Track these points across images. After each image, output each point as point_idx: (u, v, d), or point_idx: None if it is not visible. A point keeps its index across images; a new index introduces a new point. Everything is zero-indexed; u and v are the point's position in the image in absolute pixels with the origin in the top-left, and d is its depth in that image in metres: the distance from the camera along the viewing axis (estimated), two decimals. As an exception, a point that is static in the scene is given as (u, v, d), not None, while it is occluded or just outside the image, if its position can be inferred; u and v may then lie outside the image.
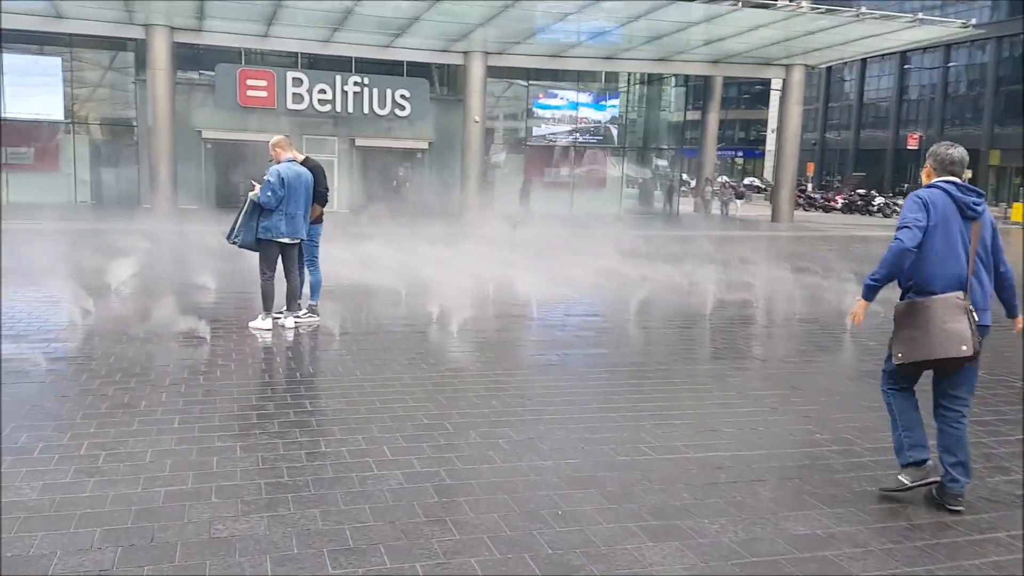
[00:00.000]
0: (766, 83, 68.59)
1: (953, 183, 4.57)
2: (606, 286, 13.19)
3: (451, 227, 24.83)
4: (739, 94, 76.87)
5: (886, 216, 44.05)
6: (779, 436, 6.04)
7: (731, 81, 54.81)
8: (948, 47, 56.00)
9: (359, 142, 31.50)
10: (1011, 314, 4.87)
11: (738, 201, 38.87)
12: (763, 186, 66.53)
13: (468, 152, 30.55)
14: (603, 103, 35.73)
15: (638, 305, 11.10)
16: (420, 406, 6.42)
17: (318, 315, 9.45)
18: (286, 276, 8.98)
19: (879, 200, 46.25)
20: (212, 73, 29.62)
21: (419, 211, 31.78)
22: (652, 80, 37.68)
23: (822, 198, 49.02)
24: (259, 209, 8.59)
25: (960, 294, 4.49)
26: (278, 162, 8.70)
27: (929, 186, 4.64)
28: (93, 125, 31.56)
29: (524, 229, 22.36)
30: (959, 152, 4.66)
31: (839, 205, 47.20)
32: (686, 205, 39.55)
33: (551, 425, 6.04)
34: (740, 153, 79.98)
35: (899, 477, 4.77)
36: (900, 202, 46.05)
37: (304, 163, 8.91)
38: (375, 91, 30.07)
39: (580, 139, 35.26)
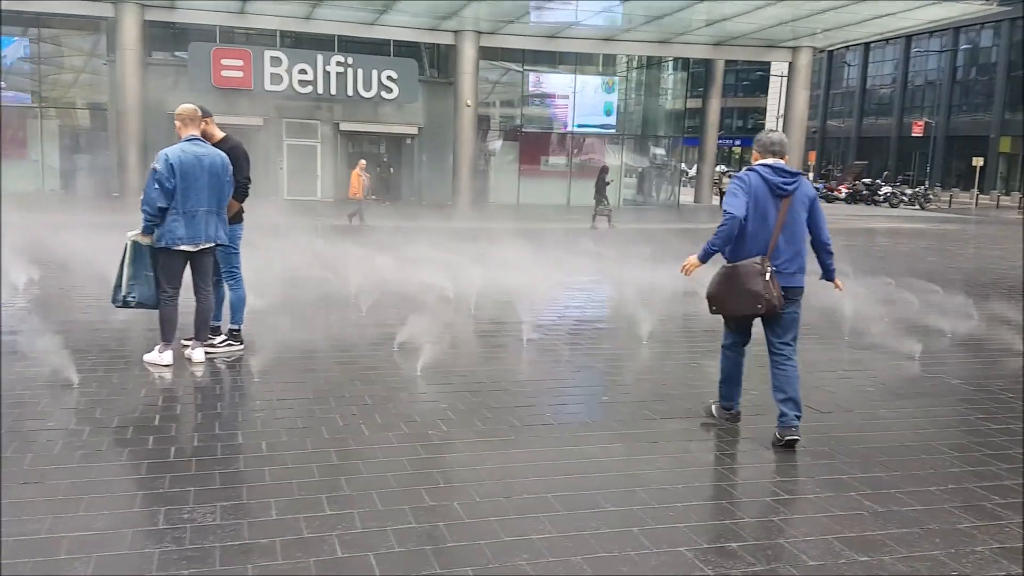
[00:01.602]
0: (765, 69, 67.09)
1: (768, 166, 5.24)
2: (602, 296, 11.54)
3: (443, 219, 23.24)
4: (737, 81, 75.22)
5: (893, 206, 42.49)
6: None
7: (729, 68, 53.07)
8: (956, 30, 54.39)
9: (344, 127, 29.77)
10: (827, 277, 5.69)
11: None
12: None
13: (460, 138, 28.82)
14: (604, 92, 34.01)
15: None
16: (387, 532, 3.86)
17: (241, 342, 7.15)
18: (196, 294, 6.73)
19: (885, 189, 44.68)
20: (185, 54, 27.88)
21: (408, 201, 30.25)
22: (651, 64, 35.98)
23: (825, 187, 47.45)
24: (147, 251, 6.45)
25: (759, 259, 5.19)
26: (179, 138, 6.59)
27: (748, 169, 5.33)
28: (63, 109, 29.80)
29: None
30: (777, 135, 5.42)
31: (843, 195, 45.64)
32: (686, 195, 37.92)
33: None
34: (738, 142, 78.22)
35: (712, 408, 5.86)
36: (908, 191, 44.59)
37: (221, 143, 6.81)
38: (360, 72, 28.34)
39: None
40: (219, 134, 6.89)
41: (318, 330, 8.03)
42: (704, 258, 5.33)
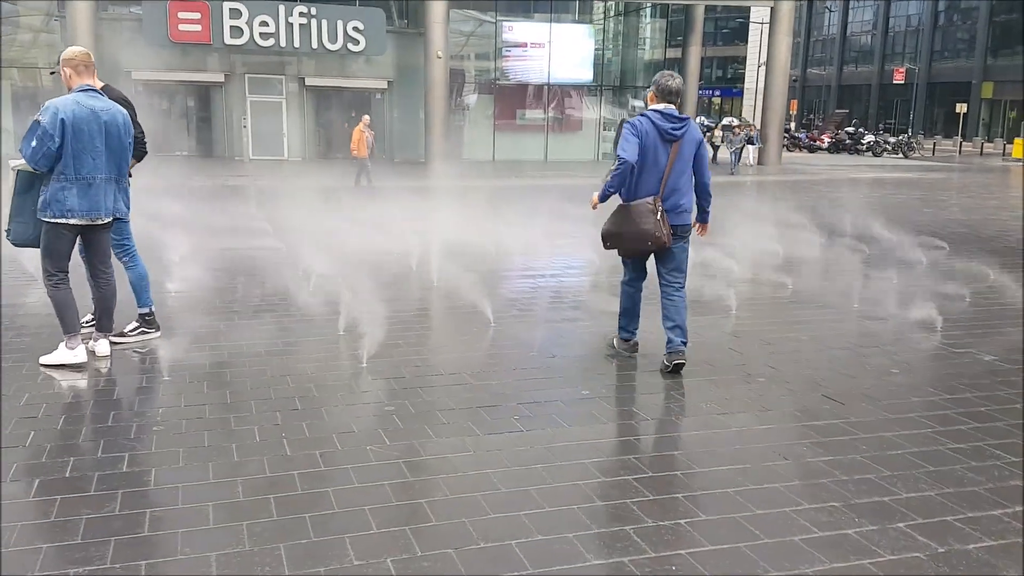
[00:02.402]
0: (745, 16, 65.64)
1: (659, 112, 5.51)
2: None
3: (416, 178, 22.09)
4: (716, 29, 73.46)
5: (876, 155, 41.57)
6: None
7: (708, 16, 51.60)
8: (939, -25, 53.22)
9: (309, 82, 28.34)
10: (701, 219, 5.89)
11: (751, 147, 31.11)
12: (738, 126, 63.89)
13: (432, 92, 27.49)
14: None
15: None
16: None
17: (157, 328, 6.11)
18: (93, 278, 5.64)
19: (869, 138, 43.71)
20: (139, 8, 26.38)
21: (379, 159, 28.95)
22: (629, 12, 34.65)
23: (807, 137, 46.46)
24: (38, 181, 5.35)
25: (651, 199, 5.52)
26: (69, 89, 5.45)
27: (641, 114, 5.58)
28: (15, 68, 28.17)
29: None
30: (676, 83, 5.58)
31: (826, 144, 44.66)
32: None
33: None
34: (717, 92, 76.81)
35: (613, 342, 6.12)
36: (891, 140, 43.65)
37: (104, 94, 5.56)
38: (324, 23, 26.87)
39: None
40: (98, 84, 5.66)
41: (256, 315, 7.02)
42: (603, 198, 5.68)
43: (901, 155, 41.42)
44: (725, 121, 58.87)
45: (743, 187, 22.35)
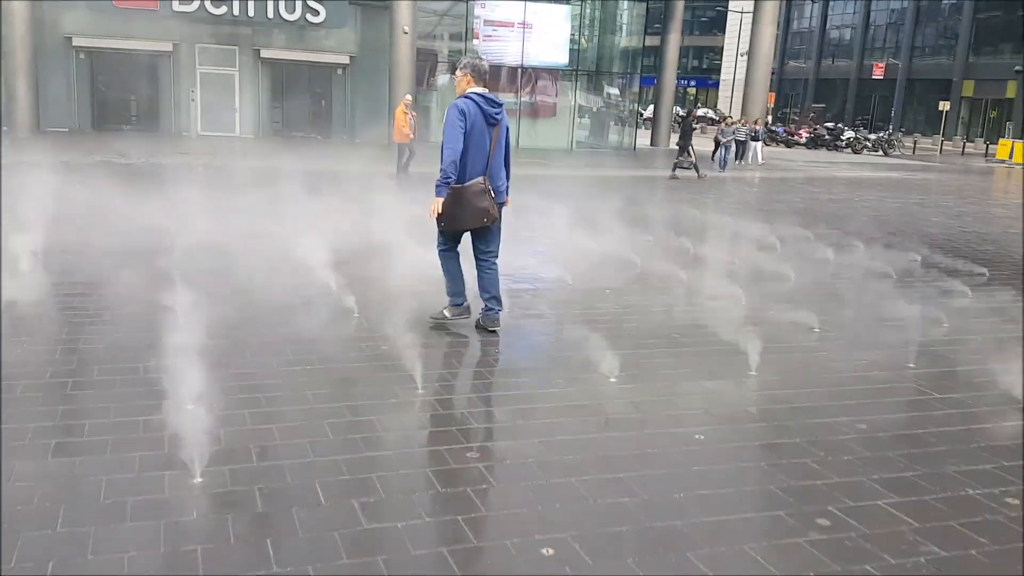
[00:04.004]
0: (724, 4, 64.32)
1: (481, 95, 5.88)
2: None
3: (371, 162, 20.33)
4: (693, 18, 71.97)
5: (856, 152, 40.38)
6: None
7: (686, 4, 50.09)
8: (923, -31, 52.13)
9: (264, 54, 26.41)
10: (498, 199, 6.09)
11: (755, 144, 28.60)
12: (716, 118, 62.48)
13: (397, 70, 25.70)
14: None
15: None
16: None
17: None
18: None
19: (848, 134, 42.51)
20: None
21: (340, 140, 27.11)
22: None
23: (785, 131, 45.21)
24: None
25: (481, 179, 5.90)
26: None
27: (466, 97, 5.87)
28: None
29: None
30: (487, 65, 6.07)
31: (803, 139, 43.42)
32: (643, 138, 35.27)
33: None
34: (692, 83, 75.48)
35: (443, 311, 6.28)
36: (871, 136, 42.47)
37: None
38: (281, -9, 25.02)
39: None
40: None
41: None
42: (442, 193, 5.83)
43: (881, 152, 40.29)
44: (699, 113, 57.66)
45: (730, 186, 20.89)
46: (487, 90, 5.94)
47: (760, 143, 29.01)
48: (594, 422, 4.71)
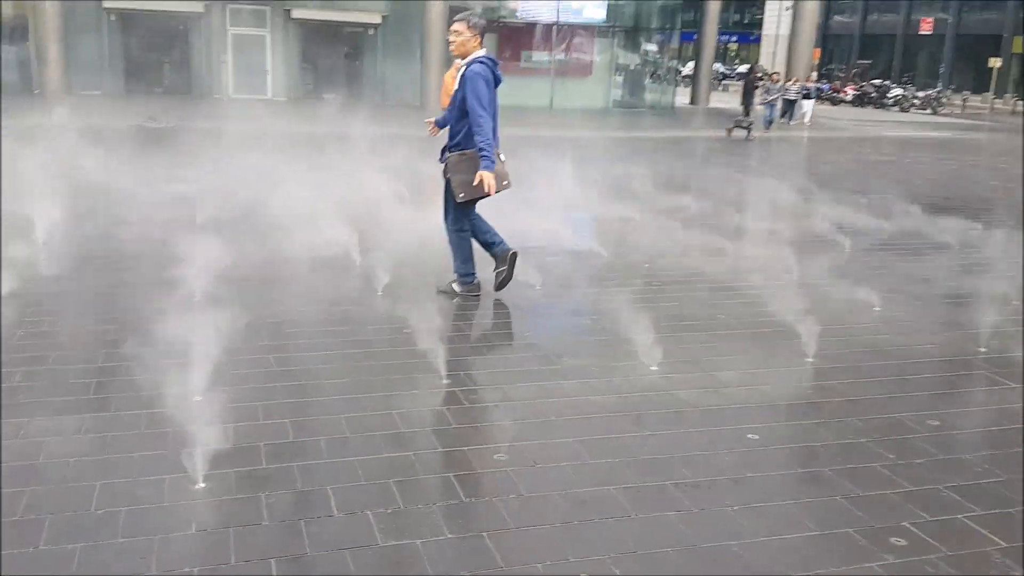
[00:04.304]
0: (766, -43, 62.45)
1: (490, 58, 5.71)
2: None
3: (402, 125, 19.82)
4: (734, -29, 70.10)
5: (903, 110, 39.12)
6: None
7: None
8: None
9: (295, 14, 25.93)
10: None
11: (807, 102, 27.21)
12: (760, 75, 60.85)
13: (430, 30, 25.08)
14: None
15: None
16: None
17: None
18: None
19: (895, 92, 41.16)
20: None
21: (372, 101, 26.60)
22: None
23: (830, 89, 43.88)
24: None
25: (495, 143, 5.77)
26: None
27: (480, 62, 5.60)
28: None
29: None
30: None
31: (849, 97, 42.14)
32: (683, 97, 34.33)
33: None
34: (734, 38, 73.64)
35: (453, 285, 6.10)
36: (920, 94, 41.06)
37: None
38: (311, -52, 24.49)
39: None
40: None
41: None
42: (492, 166, 5.54)
43: (930, 111, 38.97)
44: (741, 69, 56.19)
45: (779, 146, 20.15)
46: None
47: (813, 101, 27.88)
48: (633, 419, 4.28)
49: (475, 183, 5.52)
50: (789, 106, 26.13)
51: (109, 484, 3.37)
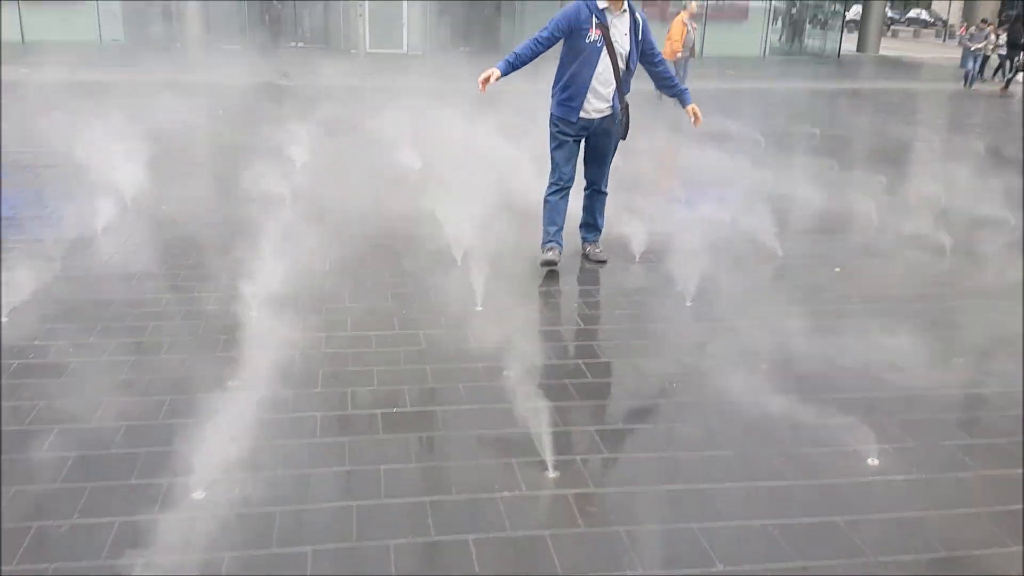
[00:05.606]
0: None
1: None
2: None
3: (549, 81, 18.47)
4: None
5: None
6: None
7: None
8: None
9: (431, -35, 24.91)
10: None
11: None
12: (931, 20, 55.97)
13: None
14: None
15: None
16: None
17: None
18: None
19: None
20: None
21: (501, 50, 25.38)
22: None
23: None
24: None
25: None
26: None
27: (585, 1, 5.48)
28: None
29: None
30: None
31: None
32: (848, 43, 31.38)
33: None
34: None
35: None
36: None
37: None
38: None
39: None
40: None
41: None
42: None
43: None
44: (911, 14, 51.65)
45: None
46: None
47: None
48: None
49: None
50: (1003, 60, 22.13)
51: None
